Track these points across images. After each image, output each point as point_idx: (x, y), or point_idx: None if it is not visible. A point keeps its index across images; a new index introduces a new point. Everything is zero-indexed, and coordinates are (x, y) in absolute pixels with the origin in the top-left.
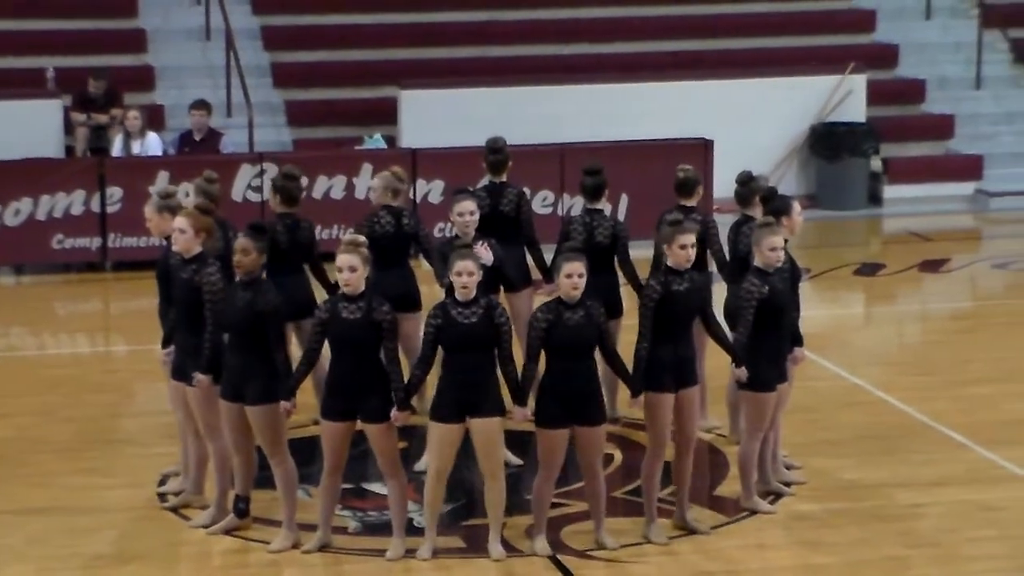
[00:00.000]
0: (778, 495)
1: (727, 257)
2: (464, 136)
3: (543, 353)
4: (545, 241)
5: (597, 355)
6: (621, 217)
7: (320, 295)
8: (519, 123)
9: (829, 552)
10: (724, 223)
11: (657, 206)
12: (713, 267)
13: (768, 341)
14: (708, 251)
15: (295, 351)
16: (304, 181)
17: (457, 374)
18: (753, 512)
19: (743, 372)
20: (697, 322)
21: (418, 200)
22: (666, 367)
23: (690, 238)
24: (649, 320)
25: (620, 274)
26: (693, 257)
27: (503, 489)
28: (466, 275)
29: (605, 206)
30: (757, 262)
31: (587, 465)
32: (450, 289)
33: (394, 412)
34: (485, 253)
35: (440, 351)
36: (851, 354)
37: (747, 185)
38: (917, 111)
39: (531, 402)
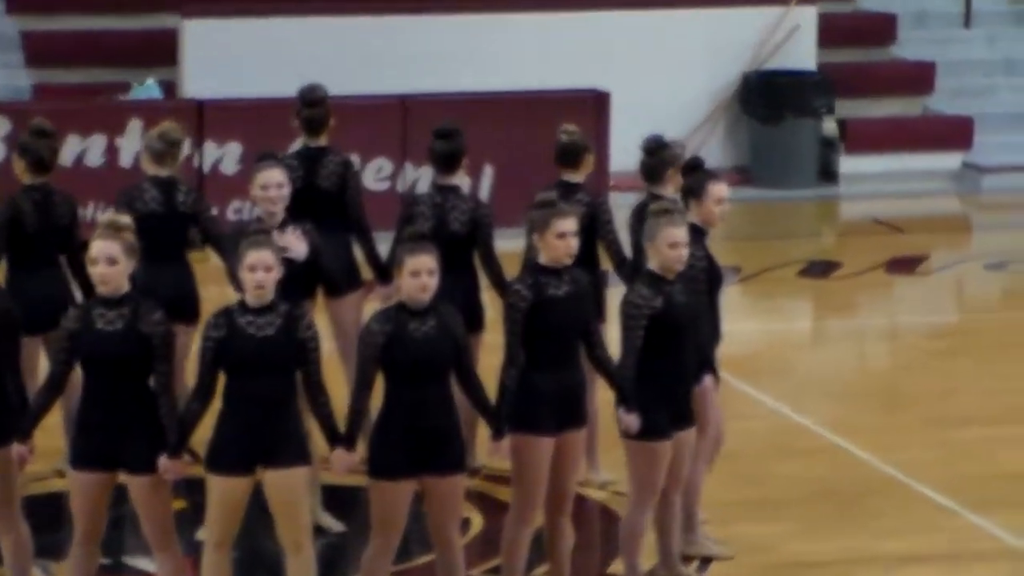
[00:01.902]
0: None
1: (625, 252)
2: (270, 83)
3: (380, 379)
4: (380, 228)
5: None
6: (484, 196)
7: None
8: (346, 66)
9: None
10: (625, 205)
11: (532, 181)
12: (610, 265)
13: (663, 372)
14: (600, 243)
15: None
16: None
17: (245, 408)
18: None
19: (633, 420)
20: None
21: (206, 170)
22: (543, 400)
23: (570, 224)
24: (517, 337)
25: (481, 274)
26: (575, 250)
27: (312, 565)
28: (261, 270)
29: (462, 181)
30: (651, 264)
31: (439, 530)
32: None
33: (163, 460)
34: (296, 243)
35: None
36: (795, 384)
37: (657, 154)
38: (886, 56)
39: (361, 446)
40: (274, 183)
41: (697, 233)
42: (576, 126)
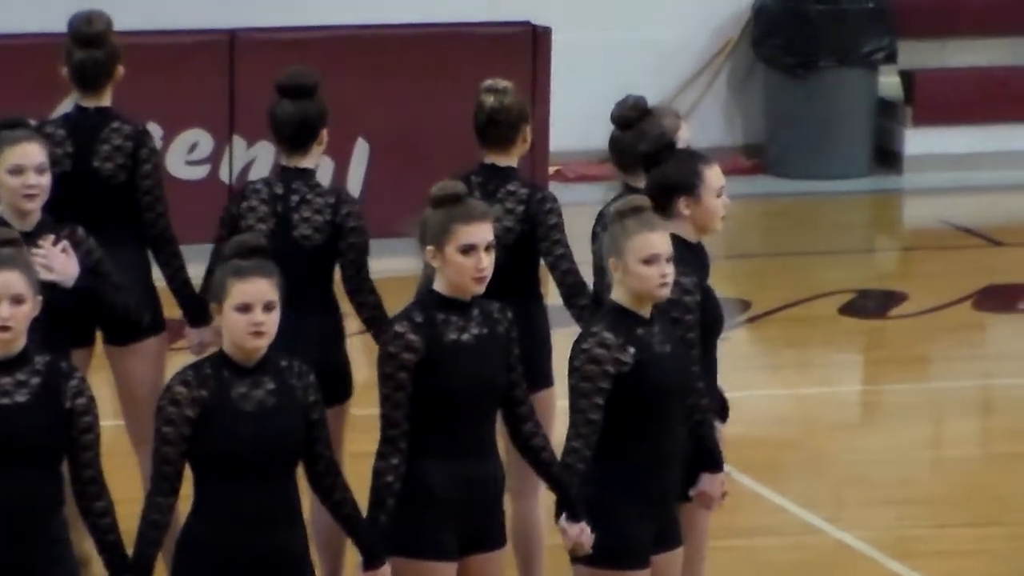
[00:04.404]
0: None
1: (581, 276)
2: (18, 10)
3: (189, 472)
4: (192, 238)
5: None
6: (354, 188)
7: None
8: None
9: None
10: (573, 202)
11: (434, 166)
12: (556, 294)
13: (636, 462)
14: (542, 261)
15: None
16: None
17: None
18: None
19: (582, 533)
20: None
21: None
22: (440, 506)
23: (481, 230)
24: (401, 408)
25: (350, 308)
26: (488, 271)
27: None
28: (6, 303)
29: (318, 162)
30: (616, 294)
31: None
32: None
33: None
34: (62, 260)
35: None
36: (834, 482)
37: (636, 126)
38: None
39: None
40: (31, 164)
41: (687, 249)
42: (507, 81)
